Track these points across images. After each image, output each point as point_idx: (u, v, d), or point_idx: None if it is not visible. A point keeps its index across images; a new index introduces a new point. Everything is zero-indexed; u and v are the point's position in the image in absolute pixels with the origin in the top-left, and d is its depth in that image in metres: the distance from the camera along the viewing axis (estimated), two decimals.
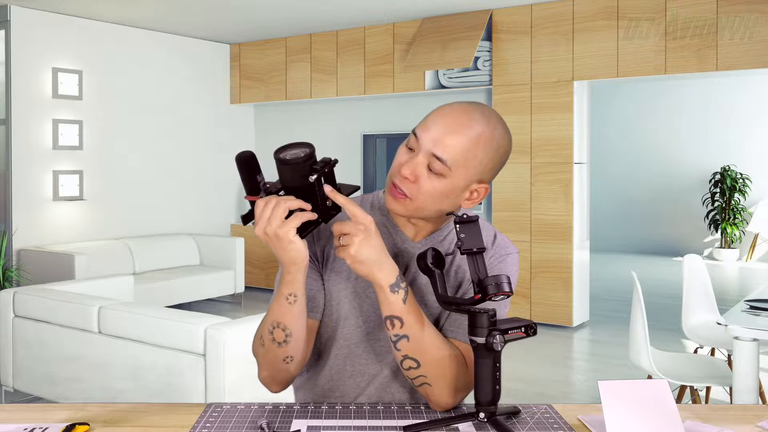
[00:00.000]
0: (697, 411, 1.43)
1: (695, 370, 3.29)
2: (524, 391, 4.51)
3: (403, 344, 1.32)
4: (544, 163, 6.25)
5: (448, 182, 1.34)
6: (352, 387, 1.47)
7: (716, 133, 11.11)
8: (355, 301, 1.44)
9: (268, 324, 1.36)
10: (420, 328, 1.31)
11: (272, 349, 1.36)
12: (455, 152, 1.32)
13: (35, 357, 4.05)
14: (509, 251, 1.48)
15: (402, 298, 1.30)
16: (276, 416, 1.36)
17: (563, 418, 1.36)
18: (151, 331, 3.47)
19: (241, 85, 8.25)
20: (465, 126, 1.33)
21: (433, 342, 1.33)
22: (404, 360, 1.33)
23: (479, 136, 1.33)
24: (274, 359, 1.38)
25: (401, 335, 1.31)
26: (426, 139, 1.34)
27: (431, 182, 1.34)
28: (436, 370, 1.33)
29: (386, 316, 1.31)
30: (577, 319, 6.25)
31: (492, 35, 6.49)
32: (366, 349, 1.46)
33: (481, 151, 1.34)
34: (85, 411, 1.38)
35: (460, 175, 1.34)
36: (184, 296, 6.57)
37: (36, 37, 6.44)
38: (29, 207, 6.40)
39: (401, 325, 1.30)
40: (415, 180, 1.34)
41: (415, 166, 1.34)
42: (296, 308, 1.33)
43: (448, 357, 1.34)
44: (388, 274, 1.28)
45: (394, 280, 1.29)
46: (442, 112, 1.36)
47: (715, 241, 11.04)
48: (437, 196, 1.35)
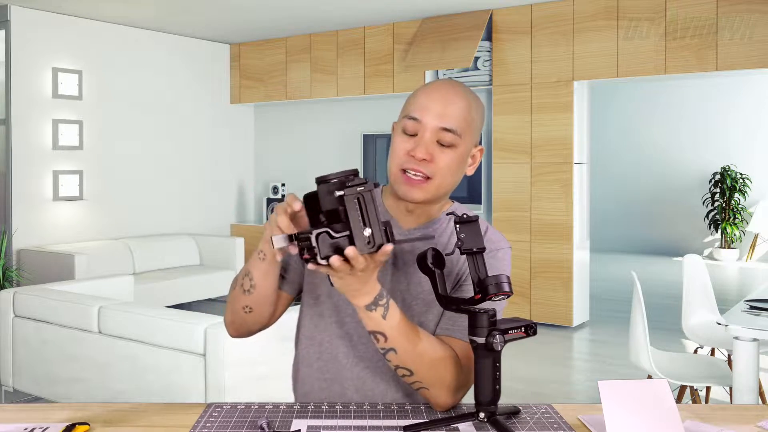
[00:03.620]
0: (697, 411, 1.43)
1: (695, 370, 3.28)
2: (524, 391, 4.51)
3: (392, 356, 1.32)
4: (544, 163, 6.24)
5: (458, 151, 1.41)
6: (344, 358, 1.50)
7: (716, 133, 11.07)
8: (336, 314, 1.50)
9: (243, 270, 1.43)
10: (407, 341, 1.31)
11: (238, 294, 1.43)
12: (460, 120, 1.41)
13: (35, 357, 4.04)
14: (500, 246, 1.49)
15: (381, 315, 1.28)
16: (276, 416, 1.36)
17: (563, 418, 1.36)
18: (151, 331, 3.46)
19: (241, 85, 8.24)
20: (458, 95, 1.42)
21: (423, 350, 1.32)
22: (397, 369, 1.34)
23: (468, 101, 1.43)
24: (236, 304, 1.44)
25: (387, 348, 1.31)
26: (429, 118, 1.40)
27: (445, 156, 1.40)
28: (431, 375, 1.33)
29: (370, 330, 1.31)
30: (577, 319, 6.24)
31: (492, 35, 6.49)
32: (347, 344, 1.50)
33: (475, 112, 1.44)
34: (85, 411, 1.38)
35: (467, 141, 1.43)
36: (184, 296, 6.55)
37: (36, 37, 6.43)
38: (29, 207, 6.40)
39: (385, 339, 1.30)
40: (432, 158, 1.39)
41: (427, 145, 1.39)
42: (264, 265, 1.37)
43: (442, 360, 1.34)
44: (366, 298, 1.27)
45: (369, 301, 1.27)
46: (430, 90, 1.43)
47: (715, 241, 11.02)
48: (453, 168, 1.42)
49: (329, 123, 8.07)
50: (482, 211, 6.72)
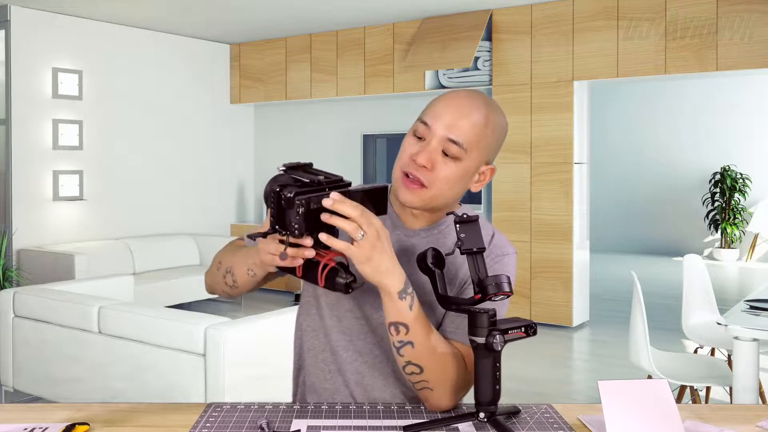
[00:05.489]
0: (697, 411, 1.43)
1: (695, 370, 3.28)
2: (524, 391, 4.51)
3: (407, 350, 1.30)
4: (544, 163, 6.24)
5: (462, 165, 1.39)
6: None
7: (716, 133, 11.07)
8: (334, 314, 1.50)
9: (225, 264, 1.45)
10: (425, 335, 1.30)
11: (220, 281, 1.48)
12: (470, 134, 1.37)
13: (35, 357, 4.04)
14: (506, 251, 1.48)
15: (409, 305, 1.28)
16: (276, 416, 1.36)
17: (563, 418, 1.36)
18: (151, 331, 3.46)
19: (241, 85, 8.24)
20: (475, 108, 1.39)
21: (436, 347, 1.32)
22: (407, 365, 1.32)
23: (487, 117, 1.39)
24: (217, 285, 1.50)
25: (406, 341, 1.30)
26: (439, 126, 1.38)
27: (447, 167, 1.38)
28: (439, 375, 1.33)
29: (392, 322, 1.29)
30: (577, 319, 6.24)
31: (492, 35, 6.49)
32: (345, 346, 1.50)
33: (491, 131, 1.40)
34: (85, 411, 1.38)
35: (474, 157, 1.39)
36: (184, 296, 6.54)
37: (36, 37, 6.43)
38: (29, 207, 6.39)
39: (406, 331, 1.29)
40: (432, 167, 1.37)
41: (431, 153, 1.37)
42: (252, 279, 1.40)
43: (451, 360, 1.34)
44: (397, 281, 1.26)
45: (402, 287, 1.26)
46: (448, 99, 1.41)
47: (715, 241, 11.02)
48: (453, 181, 1.39)
49: (329, 123, 8.07)
50: (482, 211, 6.71)
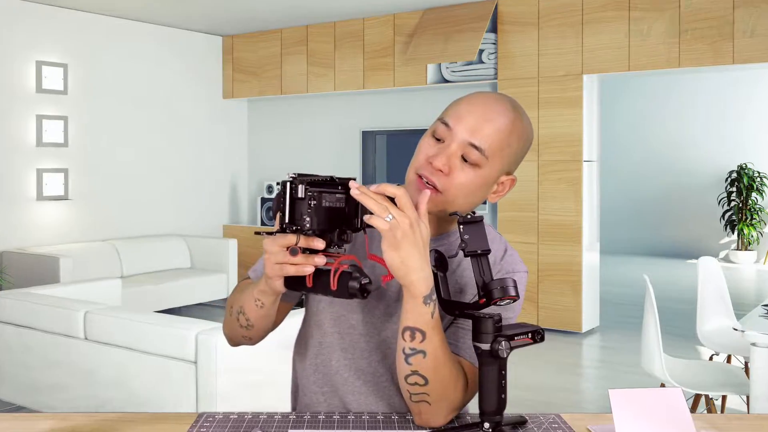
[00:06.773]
0: (712, 421, 1.43)
1: (710, 377, 3.30)
2: (531, 400, 4.51)
3: (417, 360, 1.27)
4: (552, 161, 6.20)
5: (482, 173, 1.35)
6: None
7: (732, 130, 11.11)
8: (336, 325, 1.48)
9: (236, 305, 1.41)
10: (438, 347, 1.28)
11: (235, 325, 1.43)
12: (493, 141, 1.34)
13: (18, 364, 4.07)
14: (517, 269, 1.45)
15: (431, 312, 1.25)
16: (271, 426, 1.37)
17: (572, 428, 1.36)
18: (139, 337, 3.50)
19: (234, 79, 8.28)
20: (501, 114, 1.35)
21: (446, 362, 1.29)
22: (412, 375, 1.29)
23: (513, 124, 1.36)
24: (234, 331, 1.46)
25: (418, 350, 1.26)
26: (460, 129, 1.34)
27: (465, 173, 1.34)
28: (441, 391, 1.30)
29: (409, 326, 1.26)
30: (587, 325, 6.22)
31: (497, 27, 6.48)
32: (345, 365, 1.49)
33: (515, 139, 1.37)
34: (69, 421, 1.39)
35: (495, 165, 1.36)
36: (174, 300, 6.56)
37: (19, 29, 6.41)
38: (11, 207, 6.37)
39: (422, 339, 1.26)
40: (449, 172, 1.33)
41: (449, 157, 1.34)
42: (262, 311, 1.35)
43: (456, 378, 1.32)
44: (424, 282, 1.22)
45: (428, 292, 1.24)
46: (474, 99, 1.38)
47: (732, 243, 11.05)
48: (469, 189, 1.36)
49: (326, 119, 8.10)
50: (487, 212, 6.77)
